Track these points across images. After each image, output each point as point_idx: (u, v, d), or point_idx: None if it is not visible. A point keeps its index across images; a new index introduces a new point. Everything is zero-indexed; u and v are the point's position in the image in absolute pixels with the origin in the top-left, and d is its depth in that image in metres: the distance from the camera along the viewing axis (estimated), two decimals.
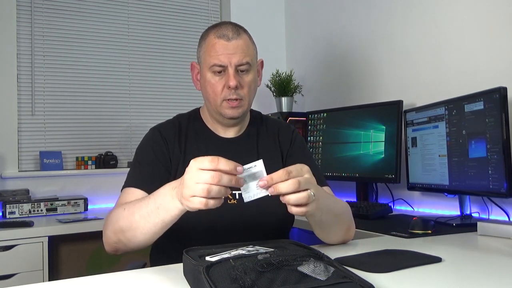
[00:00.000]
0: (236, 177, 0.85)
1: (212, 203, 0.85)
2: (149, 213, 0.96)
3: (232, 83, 1.16)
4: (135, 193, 1.14)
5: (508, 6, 1.76)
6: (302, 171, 0.90)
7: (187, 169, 0.87)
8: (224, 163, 0.83)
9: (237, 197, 1.20)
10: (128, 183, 1.18)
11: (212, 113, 1.26)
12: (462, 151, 1.61)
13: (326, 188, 1.25)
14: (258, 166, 0.88)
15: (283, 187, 0.86)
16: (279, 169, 1.32)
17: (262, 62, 1.31)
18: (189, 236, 1.15)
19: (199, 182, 0.83)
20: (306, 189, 0.88)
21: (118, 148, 2.73)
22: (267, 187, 0.87)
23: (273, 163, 1.26)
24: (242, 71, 1.20)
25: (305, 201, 0.88)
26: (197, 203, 0.85)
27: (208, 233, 1.16)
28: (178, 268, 0.93)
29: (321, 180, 1.26)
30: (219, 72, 1.19)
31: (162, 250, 1.24)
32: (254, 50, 1.25)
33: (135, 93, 2.81)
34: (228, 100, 1.19)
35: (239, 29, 1.22)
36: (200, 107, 1.36)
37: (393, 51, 2.30)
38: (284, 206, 0.91)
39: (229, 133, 1.29)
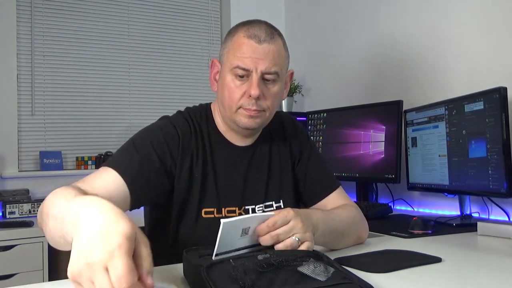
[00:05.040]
0: None
1: None
2: (63, 219, 0.69)
3: (254, 92, 1.03)
4: (111, 177, 0.98)
5: (508, 6, 1.76)
6: (286, 218, 0.89)
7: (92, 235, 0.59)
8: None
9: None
10: (111, 163, 1.02)
11: (225, 119, 1.14)
12: (462, 151, 1.61)
13: (335, 193, 1.21)
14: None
15: (264, 241, 0.86)
16: (288, 179, 1.22)
17: (292, 74, 1.19)
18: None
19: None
20: (291, 235, 0.88)
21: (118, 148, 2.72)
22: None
23: (283, 173, 1.21)
24: (267, 80, 1.06)
25: (290, 248, 0.87)
26: None
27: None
28: (178, 268, 0.93)
29: (331, 183, 1.23)
30: (242, 76, 1.05)
31: (162, 251, 1.23)
32: (286, 60, 1.11)
33: (135, 93, 2.81)
34: (246, 108, 1.06)
35: (273, 31, 1.08)
36: (211, 103, 1.22)
37: (393, 50, 2.30)
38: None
39: (244, 141, 1.17)
